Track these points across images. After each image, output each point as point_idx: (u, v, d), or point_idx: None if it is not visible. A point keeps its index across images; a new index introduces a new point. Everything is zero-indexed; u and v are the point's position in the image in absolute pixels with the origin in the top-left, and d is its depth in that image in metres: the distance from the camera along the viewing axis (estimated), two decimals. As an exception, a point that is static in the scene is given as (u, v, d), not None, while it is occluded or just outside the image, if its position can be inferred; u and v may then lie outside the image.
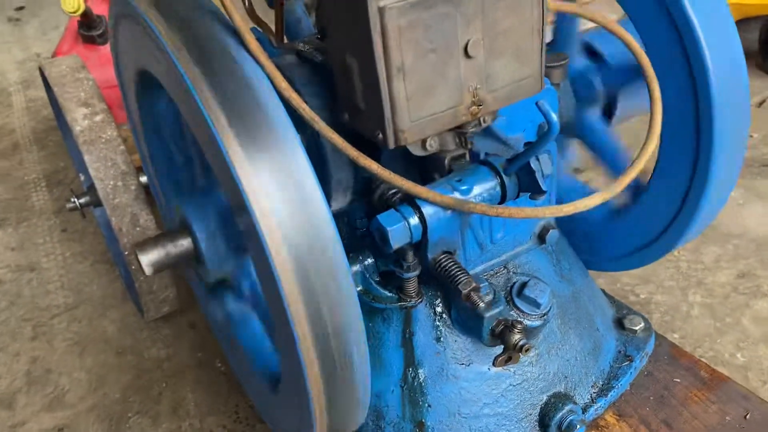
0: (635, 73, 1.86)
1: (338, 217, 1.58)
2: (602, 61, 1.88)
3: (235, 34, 1.16)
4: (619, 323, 2.00)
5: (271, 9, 1.87)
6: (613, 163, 1.92)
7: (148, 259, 1.46)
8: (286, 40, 1.82)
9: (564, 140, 2.01)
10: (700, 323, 2.43)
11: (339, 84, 1.20)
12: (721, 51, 1.47)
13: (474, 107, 1.18)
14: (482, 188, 1.24)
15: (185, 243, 1.49)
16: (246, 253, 1.50)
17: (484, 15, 1.12)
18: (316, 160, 1.37)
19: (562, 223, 1.76)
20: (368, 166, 1.16)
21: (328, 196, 1.39)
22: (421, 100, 1.12)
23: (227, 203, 1.13)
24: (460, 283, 1.23)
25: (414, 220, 1.19)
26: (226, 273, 1.56)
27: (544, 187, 1.22)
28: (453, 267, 1.26)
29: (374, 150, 1.36)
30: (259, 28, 1.70)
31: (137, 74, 1.49)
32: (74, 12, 2.90)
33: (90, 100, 2.29)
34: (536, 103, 1.09)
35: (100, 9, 3.15)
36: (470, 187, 1.23)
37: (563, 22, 1.80)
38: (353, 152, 1.16)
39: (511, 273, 1.67)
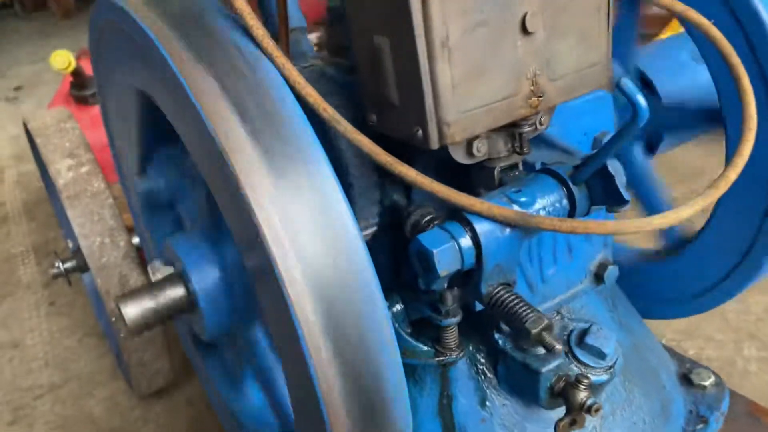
0: (691, 118, 1.67)
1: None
2: (655, 95, 1.68)
3: (239, 25, 0.95)
4: (686, 378, 1.73)
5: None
6: (648, 198, 1.73)
7: (131, 311, 1.20)
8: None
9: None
10: (760, 380, 2.17)
11: (363, 77, 0.98)
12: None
13: (533, 98, 0.95)
14: (546, 201, 1.00)
15: (177, 293, 1.23)
16: (255, 305, 1.24)
17: (543, -18, 0.90)
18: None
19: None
20: (404, 174, 0.92)
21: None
22: (470, 85, 0.89)
23: (234, 239, 0.91)
24: (527, 320, 0.96)
25: (465, 241, 0.93)
26: (227, 328, 1.29)
27: (626, 196, 0.97)
28: (515, 301, 0.99)
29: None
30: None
31: (130, 97, 1.27)
32: (64, 69, 2.74)
33: (76, 151, 2.08)
34: (618, 84, 0.86)
35: (93, 68, 3.00)
36: (532, 200, 0.98)
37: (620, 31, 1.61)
38: (385, 157, 0.92)
39: (566, 320, 1.41)
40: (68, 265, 2.26)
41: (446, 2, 0.84)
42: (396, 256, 1.31)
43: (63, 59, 2.68)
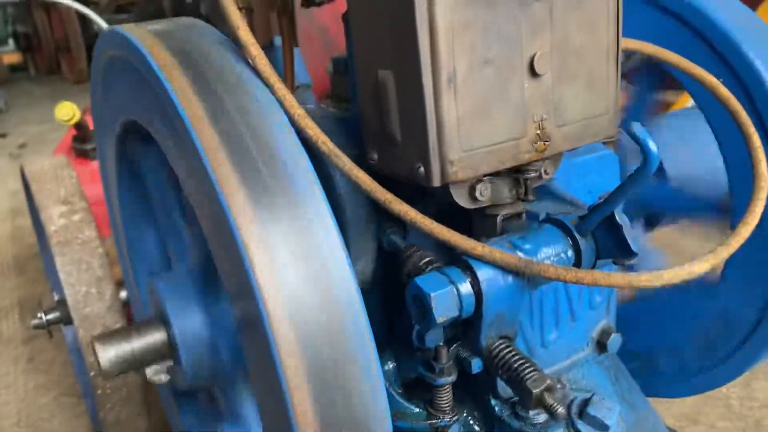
0: (696, 204, 1.65)
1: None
2: (663, 176, 1.68)
3: (238, 53, 0.94)
4: (691, 464, 1.63)
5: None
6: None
7: (107, 354, 1.13)
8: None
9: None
10: (766, 472, 2.08)
11: (366, 114, 0.95)
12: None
13: (540, 143, 0.92)
14: (551, 251, 0.95)
15: (157, 336, 1.17)
16: (241, 355, 1.17)
17: (553, 24, 0.89)
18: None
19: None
20: (403, 213, 0.88)
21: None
22: (475, 124, 0.87)
23: (221, 282, 0.86)
24: (529, 379, 0.89)
25: (465, 286, 0.88)
26: (208, 378, 1.21)
27: (635, 248, 0.93)
28: (516, 357, 0.92)
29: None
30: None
31: (122, 126, 1.24)
32: (68, 121, 2.74)
33: (70, 198, 2.04)
34: (626, 129, 0.83)
35: (98, 122, 3.01)
36: (536, 248, 0.94)
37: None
38: (384, 195, 0.88)
39: (567, 389, 1.34)
40: (51, 316, 2.17)
41: (455, 37, 0.82)
42: (389, 309, 1.25)
43: (67, 110, 2.69)
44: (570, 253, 0.96)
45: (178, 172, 0.95)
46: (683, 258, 0.93)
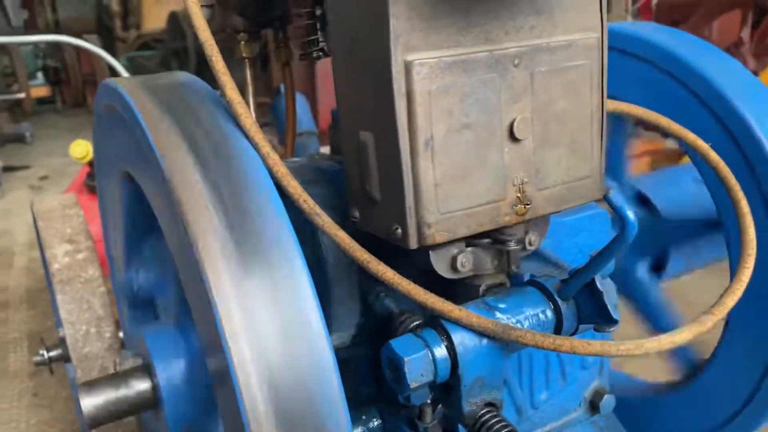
0: (692, 229, 1.66)
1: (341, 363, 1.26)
2: (656, 212, 1.69)
3: (229, 114, 0.95)
4: None
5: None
6: (657, 323, 1.68)
7: (90, 402, 1.13)
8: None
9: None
10: None
11: (349, 172, 0.96)
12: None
13: (520, 206, 0.92)
14: (530, 314, 0.94)
15: (142, 386, 1.16)
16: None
17: (534, 90, 0.89)
18: (316, 279, 1.10)
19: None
20: (381, 273, 0.88)
21: (328, 327, 1.09)
22: (453, 187, 0.87)
23: (200, 336, 0.86)
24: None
25: (440, 350, 0.87)
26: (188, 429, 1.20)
27: (615, 315, 0.91)
28: (502, 426, 0.90)
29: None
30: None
31: (121, 180, 1.26)
32: (82, 158, 2.80)
33: (75, 237, 2.06)
34: (604, 196, 0.83)
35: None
36: (515, 312, 0.93)
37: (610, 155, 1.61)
38: (363, 255, 0.88)
39: (558, 451, 1.31)
40: (53, 353, 2.19)
41: (432, 102, 0.83)
42: (377, 364, 1.24)
43: (81, 149, 2.75)
44: (551, 317, 0.95)
45: (160, 222, 0.96)
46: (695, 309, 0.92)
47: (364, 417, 1.20)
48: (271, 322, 0.79)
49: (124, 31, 9.91)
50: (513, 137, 0.89)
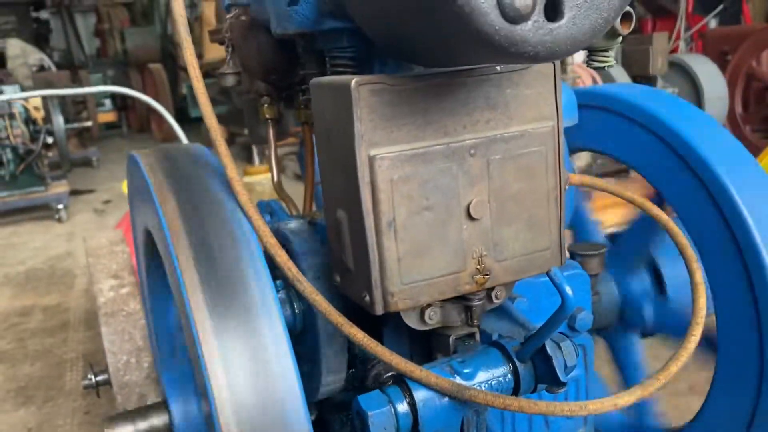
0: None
1: (335, 406, 1.38)
2: (664, 292, 1.72)
3: (228, 188, 1.10)
4: None
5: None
6: (632, 378, 1.76)
7: (114, 433, 1.28)
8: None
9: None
10: None
11: (331, 242, 1.09)
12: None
13: (479, 276, 1.03)
14: (490, 374, 1.04)
15: (160, 420, 1.32)
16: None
17: (490, 175, 1.01)
18: (309, 332, 1.23)
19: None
20: (353, 335, 1.00)
21: (318, 376, 1.22)
22: (415, 261, 0.99)
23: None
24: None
25: (403, 406, 0.99)
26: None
27: (563, 378, 1.01)
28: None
29: (380, 324, 1.21)
30: (280, 200, 1.66)
31: (144, 232, 1.43)
32: (134, 195, 3.01)
33: (120, 272, 2.26)
34: (547, 273, 0.93)
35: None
36: (474, 371, 1.03)
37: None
38: (337, 318, 1.01)
39: (540, 495, 1.39)
40: (100, 378, 2.38)
41: (393, 189, 0.95)
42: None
43: (133, 186, 2.96)
44: (509, 377, 1.05)
45: (169, 279, 1.12)
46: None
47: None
48: (249, 374, 0.93)
49: (187, 60, 10.37)
50: (470, 216, 1.00)
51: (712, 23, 7.07)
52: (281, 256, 1.05)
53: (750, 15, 7.28)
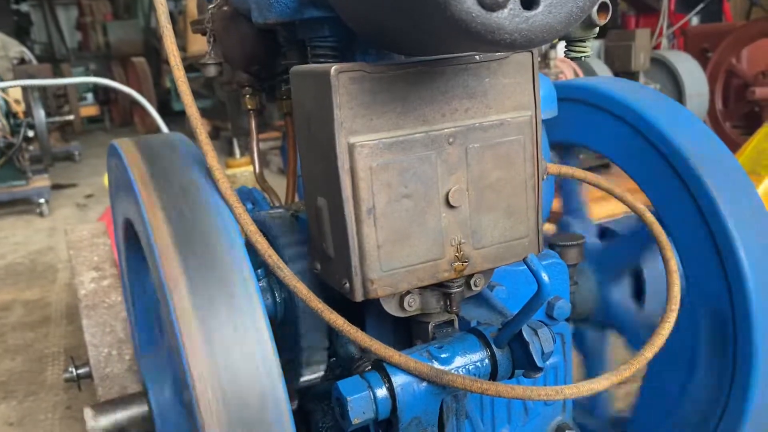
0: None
1: (316, 396, 1.39)
2: (617, 236, 1.79)
3: (210, 177, 1.10)
4: None
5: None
6: (595, 369, 1.77)
7: (97, 423, 1.28)
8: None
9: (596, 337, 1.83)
10: None
11: (311, 230, 1.10)
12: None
13: (458, 263, 1.04)
14: (467, 359, 1.06)
15: (140, 409, 1.32)
16: None
17: (468, 163, 1.02)
18: (290, 321, 1.24)
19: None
20: (333, 322, 1.01)
21: (298, 365, 1.22)
22: (394, 248, 1.00)
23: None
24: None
25: (381, 391, 1.00)
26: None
27: (539, 363, 1.02)
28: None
29: (359, 312, 1.22)
30: (261, 191, 1.66)
31: (124, 223, 1.43)
32: (115, 187, 3.00)
33: (101, 265, 2.26)
34: (524, 260, 0.95)
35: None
36: (452, 357, 1.05)
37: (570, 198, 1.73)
38: (317, 304, 1.02)
39: (518, 482, 1.41)
40: (81, 371, 2.37)
41: (373, 177, 0.96)
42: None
43: (115, 179, 2.95)
44: (487, 363, 1.07)
45: (149, 268, 1.12)
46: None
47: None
48: (230, 362, 0.93)
49: (170, 53, 10.29)
50: (449, 204, 1.02)
51: (694, 21, 7.15)
52: (262, 244, 1.05)
53: (731, 13, 7.37)
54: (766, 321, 1.29)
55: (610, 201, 1.80)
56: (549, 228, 1.89)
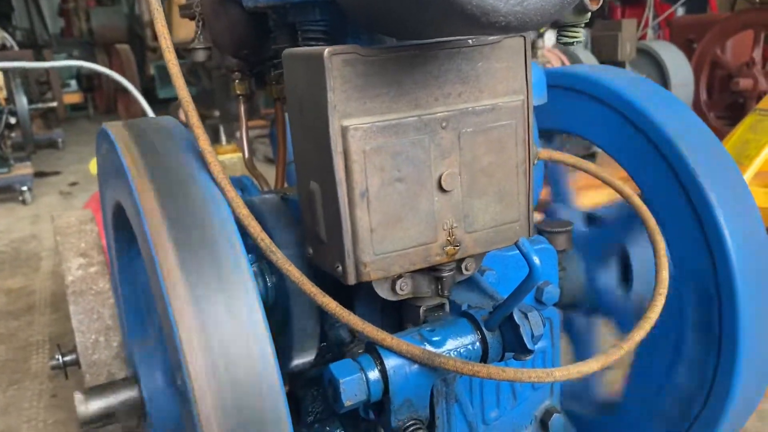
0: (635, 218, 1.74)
1: (306, 382, 1.40)
2: (603, 221, 1.80)
3: (201, 160, 1.10)
4: None
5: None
6: (584, 353, 1.79)
7: (85, 407, 1.28)
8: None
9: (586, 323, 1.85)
10: None
11: (304, 214, 1.10)
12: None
13: (450, 247, 1.05)
14: (458, 342, 1.06)
15: (131, 394, 1.32)
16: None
17: (461, 148, 1.03)
18: (281, 306, 1.24)
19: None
20: (325, 305, 1.01)
21: (290, 349, 1.23)
22: (386, 231, 1.00)
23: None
24: (427, 456, 1.01)
25: (374, 374, 1.00)
26: (173, 434, 1.35)
27: (530, 346, 1.04)
28: (419, 436, 1.04)
29: (353, 296, 1.22)
30: (250, 177, 1.66)
31: (114, 208, 1.42)
32: (101, 174, 2.97)
33: (89, 251, 2.24)
34: (515, 243, 0.95)
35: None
36: (443, 339, 1.06)
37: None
38: (310, 288, 1.02)
39: (504, 463, 1.42)
40: (67, 358, 2.35)
41: (366, 160, 0.97)
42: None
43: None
44: (478, 346, 1.08)
45: (141, 251, 1.11)
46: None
47: (328, 428, 1.34)
48: (224, 345, 0.93)
49: (155, 40, 10.20)
50: (442, 188, 1.02)
51: (680, 11, 7.19)
52: (254, 228, 1.05)
53: (716, 4, 7.41)
54: (750, 302, 1.31)
55: (596, 190, 1.82)
56: (537, 216, 1.90)
